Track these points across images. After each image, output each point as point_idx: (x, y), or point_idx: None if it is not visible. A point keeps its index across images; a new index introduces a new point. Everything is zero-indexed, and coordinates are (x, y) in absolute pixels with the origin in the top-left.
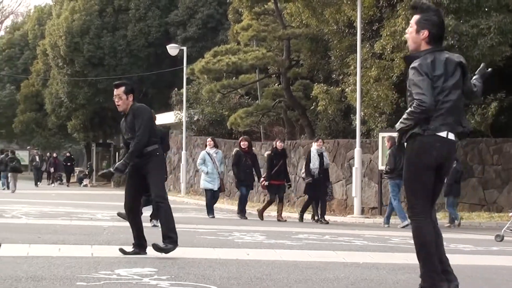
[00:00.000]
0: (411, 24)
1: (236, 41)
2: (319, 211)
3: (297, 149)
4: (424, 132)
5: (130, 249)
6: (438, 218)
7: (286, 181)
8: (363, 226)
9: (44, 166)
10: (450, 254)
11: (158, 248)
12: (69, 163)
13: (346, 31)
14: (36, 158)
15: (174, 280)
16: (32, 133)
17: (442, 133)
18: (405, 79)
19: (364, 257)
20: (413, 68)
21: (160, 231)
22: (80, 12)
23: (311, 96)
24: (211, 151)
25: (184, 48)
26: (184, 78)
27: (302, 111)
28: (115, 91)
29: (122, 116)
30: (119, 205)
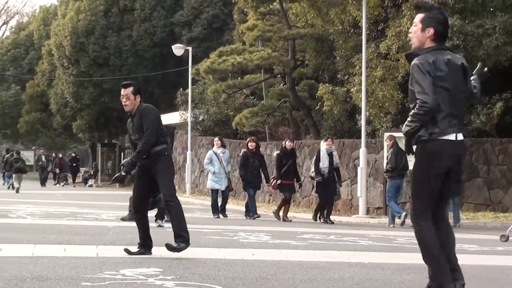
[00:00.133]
0: (415, 23)
1: (242, 41)
2: (325, 211)
3: (303, 149)
4: (433, 137)
5: (135, 249)
6: None
7: (296, 180)
8: (368, 226)
9: (50, 167)
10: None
11: (171, 248)
12: (75, 163)
13: (351, 31)
14: (42, 158)
15: (179, 280)
16: (37, 133)
17: (451, 136)
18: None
19: (369, 257)
20: (415, 66)
21: (165, 231)
22: (86, 12)
23: (316, 96)
24: (218, 151)
25: (190, 48)
26: (189, 78)
27: (307, 111)
28: (123, 91)
29: (129, 116)
30: (124, 205)
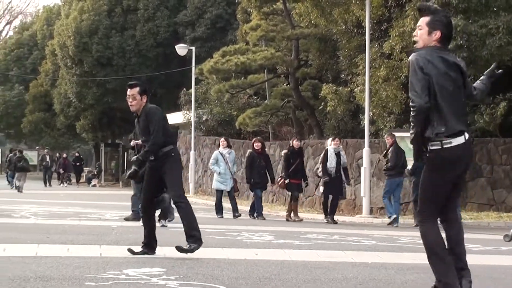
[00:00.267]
0: (421, 26)
1: (245, 41)
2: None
3: (306, 149)
4: (443, 146)
5: (139, 249)
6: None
7: (304, 180)
8: (372, 226)
9: (54, 167)
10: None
11: (182, 250)
12: (78, 163)
13: (355, 31)
14: (47, 158)
15: (183, 280)
16: (41, 133)
17: (460, 138)
18: None
19: (373, 257)
20: (410, 61)
21: (168, 231)
22: (89, 12)
23: (320, 96)
24: (224, 151)
25: (193, 48)
26: (193, 78)
27: (311, 111)
28: (129, 91)
29: (135, 117)
30: (128, 205)
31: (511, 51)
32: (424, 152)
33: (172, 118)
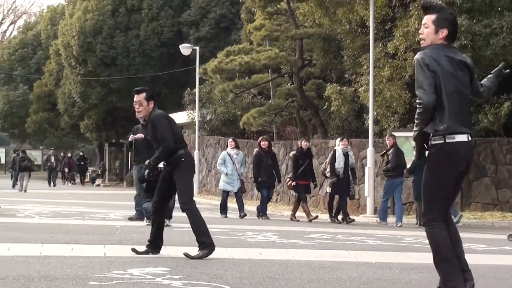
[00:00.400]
0: (427, 24)
1: (249, 41)
2: (334, 210)
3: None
4: (446, 140)
5: (143, 249)
6: None
7: (312, 181)
8: (376, 226)
9: (59, 167)
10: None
11: (189, 256)
12: (83, 163)
13: (359, 31)
14: (52, 159)
15: (187, 280)
16: (45, 133)
17: (463, 137)
18: None
19: (377, 257)
20: (416, 60)
21: (172, 231)
22: (93, 12)
23: (324, 96)
24: (232, 152)
25: (197, 48)
26: (197, 78)
27: (315, 111)
28: (136, 97)
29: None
30: (132, 205)
31: None
32: (426, 149)
33: (176, 118)
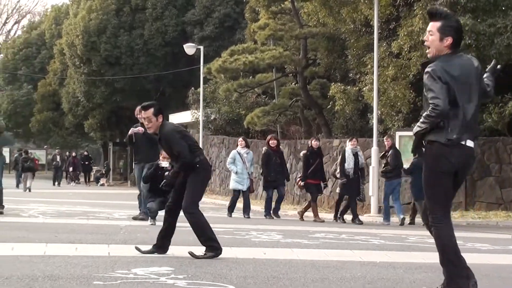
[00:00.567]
0: (432, 32)
1: (253, 40)
2: (340, 210)
3: None
4: (444, 141)
5: (148, 248)
6: None
7: (322, 181)
8: (380, 225)
9: (64, 166)
10: (467, 253)
11: (194, 255)
12: (87, 162)
13: (363, 30)
14: (57, 158)
15: (191, 279)
16: (49, 133)
17: (461, 142)
18: (422, 79)
19: (381, 256)
20: (427, 73)
21: (176, 231)
22: (97, 11)
23: (328, 95)
24: (242, 151)
25: (201, 47)
26: (201, 77)
27: (319, 110)
28: (144, 114)
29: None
30: (136, 204)
31: None
32: (423, 146)
33: (180, 117)
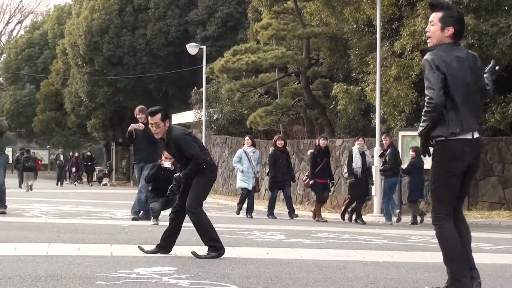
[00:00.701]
0: (434, 22)
1: (256, 40)
2: (354, 210)
3: None
4: (451, 137)
5: (150, 248)
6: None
7: (330, 180)
8: (383, 225)
9: (67, 166)
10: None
11: (196, 255)
12: (90, 163)
13: (366, 30)
14: (61, 157)
15: (194, 279)
16: (52, 132)
17: (468, 135)
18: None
19: (384, 256)
20: (425, 61)
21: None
22: (100, 11)
23: (331, 95)
24: (248, 150)
25: (204, 47)
26: (204, 77)
27: (322, 110)
28: (151, 119)
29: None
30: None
31: None
32: (431, 145)
33: (183, 117)
